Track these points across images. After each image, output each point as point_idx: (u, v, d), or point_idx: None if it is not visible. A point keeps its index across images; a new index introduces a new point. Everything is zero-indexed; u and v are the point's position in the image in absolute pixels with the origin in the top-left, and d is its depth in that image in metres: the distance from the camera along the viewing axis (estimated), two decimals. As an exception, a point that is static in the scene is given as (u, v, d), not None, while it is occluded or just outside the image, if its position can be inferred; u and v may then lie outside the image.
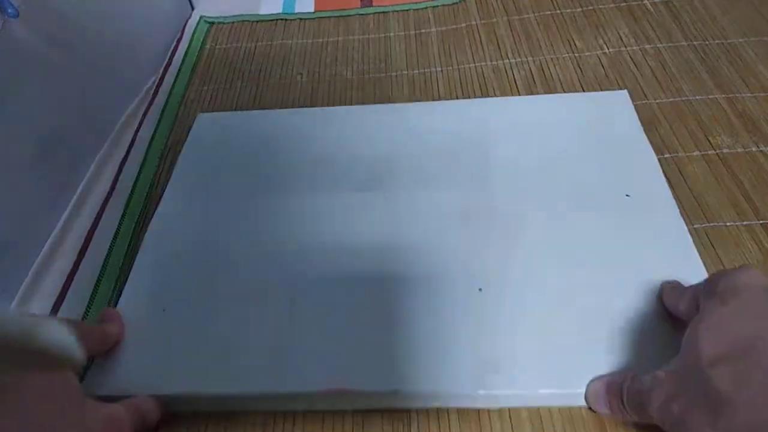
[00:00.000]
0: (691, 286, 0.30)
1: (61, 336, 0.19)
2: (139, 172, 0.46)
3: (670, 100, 0.46)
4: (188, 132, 0.47)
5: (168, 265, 0.37)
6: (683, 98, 0.46)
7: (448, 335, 0.32)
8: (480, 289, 0.34)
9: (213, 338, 0.33)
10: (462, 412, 0.31)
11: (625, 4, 0.57)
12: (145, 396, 0.31)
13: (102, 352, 0.33)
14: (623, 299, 0.33)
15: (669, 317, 0.31)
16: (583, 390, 0.30)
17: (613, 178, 0.39)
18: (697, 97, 0.46)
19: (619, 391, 0.28)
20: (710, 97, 0.46)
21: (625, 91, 0.46)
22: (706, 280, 0.28)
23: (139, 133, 0.50)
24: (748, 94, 0.46)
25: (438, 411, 0.31)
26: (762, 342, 0.22)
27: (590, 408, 0.30)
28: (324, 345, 0.32)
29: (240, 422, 0.32)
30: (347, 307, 0.34)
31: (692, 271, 0.33)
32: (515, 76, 0.51)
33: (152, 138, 0.49)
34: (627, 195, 0.38)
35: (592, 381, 0.30)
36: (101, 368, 0.32)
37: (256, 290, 0.35)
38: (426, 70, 0.53)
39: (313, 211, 0.39)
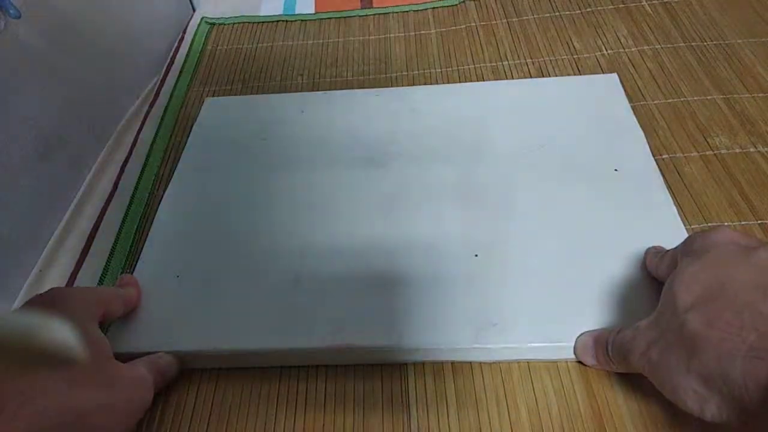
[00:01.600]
0: (670, 250, 0.31)
1: (61, 336, 0.19)
2: (141, 173, 0.47)
3: (669, 101, 0.47)
4: (191, 128, 0.48)
5: (180, 237, 0.39)
6: (681, 99, 0.47)
7: (445, 296, 0.34)
8: (476, 255, 0.35)
9: (224, 300, 0.35)
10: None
11: (623, 5, 0.57)
12: (164, 353, 0.33)
13: (123, 314, 0.34)
14: (610, 263, 0.34)
15: (651, 279, 0.33)
16: (571, 344, 0.31)
17: (603, 154, 0.41)
18: (695, 98, 0.47)
19: (606, 343, 0.29)
20: (708, 98, 0.46)
21: (615, 74, 0.47)
22: (683, 242, 0.30)
23: (141, 134, 0.51)
24: (746, 95, 0.46)
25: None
26: (731, 287, 0.24)
27: (578, 360, 0.32)
28: (328, 304, 0.34)
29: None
30: (350, 270, 0.36)
31: (674, 235, 0.35)
32: (514, 78, 0.51)
33: (154, 139, 0.49)
34: (615, 169, 0.40)
35: (581, 335, 0.31)
36: (120, 328, 0.34)
37: (264, 258, 0.37)
38: (426, 71, 0.53)
39: (317, 186, 0.41)
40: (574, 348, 0.31)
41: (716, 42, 0.51)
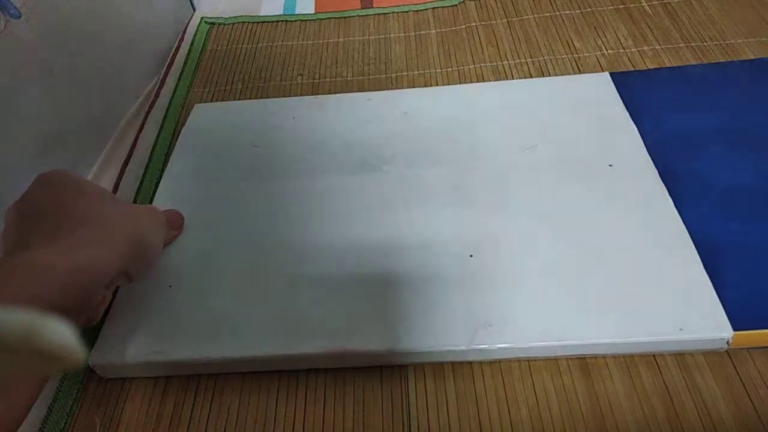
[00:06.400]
0: None
1: (62, 336, 0.19)
2: (143, 174, 0.46)
3: (669, 101, 0.47)
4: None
5: (172, 245, 0.38)
6: (681, 99, 0.47)
7: (441, 297, 0.33)
8: (471, 256, 0.35)
9: (218, 308, 0.35)
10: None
11: (623, 6, 0.57)
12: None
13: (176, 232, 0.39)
14: (606, 258, 0.34)
15: (649, 273, 0.33)
16: (568, 342, 0.31)
17: (596, 150, 0.41)
18: (695, 98, 0.46)
19: None
20: (708, 98, 0.46)
21: (607, 73, 0.47)
22: None
23: (141, 135, 0.51)
24: (746, 95, 0.46)
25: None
26: None
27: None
28: (324, 309, 0.34)
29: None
30: (345, 275, 0.35)
31: (671, 229, 0.35)
32: (514, 78, 0.51)
33: (155, 140, 0.49)
34: (610, 165, 0.40)
35: None
36: (113, 339, 0.34)
37: (257, 265, 0.36)
38: (426, 72, 0.53)
39: (309, 191, 0.41)
40: None
41: (716, 42, 0.51)
